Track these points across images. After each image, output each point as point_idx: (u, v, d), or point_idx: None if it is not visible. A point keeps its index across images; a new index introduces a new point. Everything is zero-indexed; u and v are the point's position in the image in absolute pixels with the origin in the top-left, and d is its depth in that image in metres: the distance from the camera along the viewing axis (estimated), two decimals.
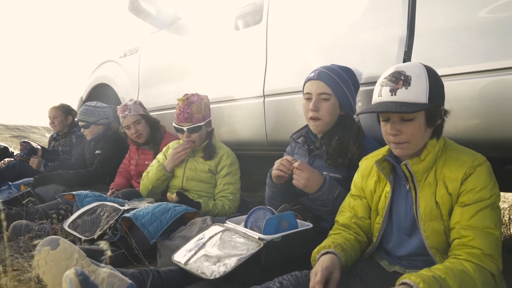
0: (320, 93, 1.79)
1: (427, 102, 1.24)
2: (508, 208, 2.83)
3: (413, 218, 1.32)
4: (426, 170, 1.30)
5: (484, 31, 1.51)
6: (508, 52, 1.44)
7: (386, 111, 1.25)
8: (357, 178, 1.54)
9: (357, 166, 1.61)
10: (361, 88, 1.89)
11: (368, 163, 1.50)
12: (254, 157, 2.96)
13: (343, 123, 1.82)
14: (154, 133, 2.91)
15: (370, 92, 1.85)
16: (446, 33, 1.62)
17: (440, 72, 1.43)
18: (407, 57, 1.74)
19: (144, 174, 2.56)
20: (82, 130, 3.40)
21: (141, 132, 2.88)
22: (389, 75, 1.28)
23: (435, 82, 1.27)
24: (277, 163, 1.78)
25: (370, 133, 1.84)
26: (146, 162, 2.81)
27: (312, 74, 1.82)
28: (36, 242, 1.31)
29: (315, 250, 1.37)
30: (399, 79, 1.25)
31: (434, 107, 1.27)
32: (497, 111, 1.47)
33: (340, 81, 1.79)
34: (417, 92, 1.23)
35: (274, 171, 1.78)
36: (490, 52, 1.49)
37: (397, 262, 1.39)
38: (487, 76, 1.48)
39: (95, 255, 1.45)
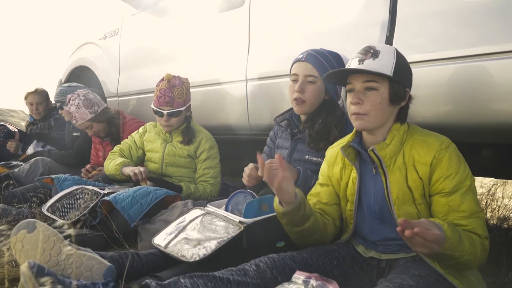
0: (307, 75, 1.79)
1: (391, 75, 1.26)
2: (486, 193, 2.90)
3: (383, 202, 1.33)
4: (393, 154, 1.31)
5: (465, 17, 1.52)
6: (488, 38, 1.45)
7: (349, 70, 1.29)
8: (323, 167, 1.54)
9: None
10: None
11: (333, 151, 1.51)
12: (236, 142, 2.95)
13: (327, 107, 1.82)
14: (110, 128, 2.86)
15: None
16: (428, 19, 1.63)
17: (420, 57, 1.45)
18: (388, 42, 1.75)
19: (110, 154, 2.50)
20: (59, 111, 3.33)
21: (97, 133, 2.87)
22: (361, 49, 1.32)
23: (402, 63, 1.30)
24: (244, 174, 1.78)
25: None
26: None
27: (301, 56, 1.81)
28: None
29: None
30: (369, 52, 1.29)
31: (398, 84, 1.29)
32: (475, 95, 1.50)
33: (328, 65, 1.78)
34: (383, 64, 1.26)
35: (244, 181, 1.78)
36: (471, 39, 1.50)
37: (373, 247, 1.40)
38: (468, 61, 1.49)
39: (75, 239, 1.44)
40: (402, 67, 1.30)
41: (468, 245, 1.14)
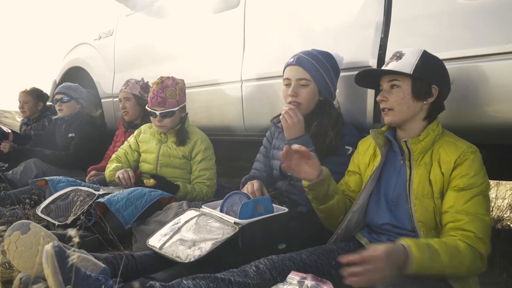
0: (299, 79, 1.79)
1: (411, 73, 1.35)
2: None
3: (403, 192, 1.39)
4: (424, 151, 1.37)
5: (459, 19, 1.53)
6: (482, 39, 1.46)
7: (369, 70, 1.47)
8: (355, 156, 1.62)
9: (332, 152, 1.69)
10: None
11: (366, 140, 1.60)
12: (231, 143, 2.95)
13: (322, 108, 1.83)
14: (145, 116, 2.83)
15: (347, 78, 1.89)
16: (422, 20, 1.64)
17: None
18: (383, 44, 1.76)
19: (113, 156, 2.50)
20: (57, 105, 3.27)
21: (128, 110, 2.87)
22: (391, 55, 1.45)
23: (428, 62, 1.38)
24: (247, 189, 1.81)
25: (350, 121, 1.86)
26: None
27: (291, 60, 1.81)
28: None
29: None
30: (395, 56, 1.42)
31: (420, 81, 1.36)
32: (469, 96, 1.51)
33: (319, 67, 1.79)
34: (404, 64, 1.37)
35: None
36: (465, 40, 1.51)
37: (378, 240, 1.44)
38: (462, 63, 1.51)
39: (69, 240, 1.43)
40: (427, 65, 1.37)
41: (448, 259, 1.13)
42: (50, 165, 3.06)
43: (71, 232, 1.04)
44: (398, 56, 1.40)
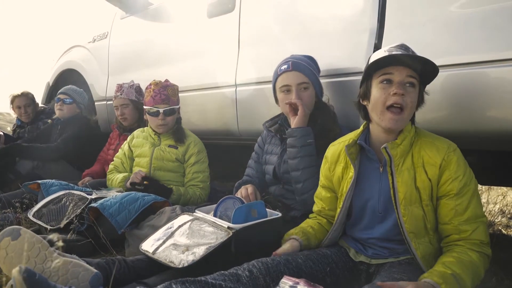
0: (300, 83, 1.79)
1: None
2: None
3: (389, 201, 1.33)
4: (403, 155, 1.32)
5: (452, 26, 1.54)
6: (475, 47, 1.47)
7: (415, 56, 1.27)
8: (324, 167, 1.55)
9: None
10: (332, 80, 1.91)
11: (335, 149, 1.50)
12: (225, 147, 2.95)
13: (321, 108, 1.84)
14: (142, 120, 2.82)
15: (341, 84, 1.89)
16: (416, 26, 1.65)
17: None
18: (377, 49, 1.76)
19: (110, 166, 2.50)
20: (59, 104, 3.27)
21: (126, 116, 2.87)
22: (397, 45, 1.31)
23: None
24: (241, 193, 1.82)
25: (345, 125, 1.86)
26: None
27: (285, 66, 1.81)
28: None
29: (285, 235, 1.50)
30: (409, 49, 1.30)
31: (424, 89, 1.35)
32: (462, 103, 1.52)
33: (312, 69, 1.82)
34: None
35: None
36: (458, 47, 1.52)
37: (363, 252, 1.41)
38: (455, 69, 1.51)
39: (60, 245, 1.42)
40: (436, 70, 1.32)
41: (471, 279, 1.14)
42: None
43: (53, 237, 1.02)
44: (412, 52, 1.30)
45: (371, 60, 1.32)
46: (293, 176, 1.75)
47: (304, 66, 1.80)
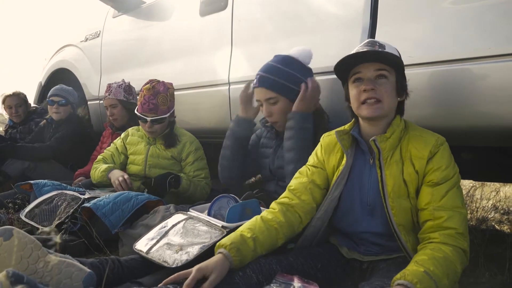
0: (267, 99, 1.80)
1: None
2: (465, 195, 2.96)
3: (377, 194, 1.33)
4: (392, 148, 1.32)
5: (444, 23, 1.55)
6: (466, 43, 1.48)
7: (374, 52, 1.30)
8: (318, 151, 1.51)
9: None
10: (325, 77, 1.90)
11: (331, 139, 1.49)
12: (219, 145, 2.94)
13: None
14: (133, 119, 2.80)
15: (333, 81, 1.89)
16: (408, 22, 1.66)
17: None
18: None
19: (99, 157, 2.48)
20: (55, 107, 3.23)
21: (116, 117, 2.84)
22: (365, 43, 1.36)
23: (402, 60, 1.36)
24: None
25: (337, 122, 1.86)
26: None
27: (255, 81, 1.82)
28: None
29: (218, 243, 1.26)
30: (375, 44, 1.33)
31: (402, 76, 1.35)
32: (454, 99, 1.52)
33: (281, 79, 1.78)
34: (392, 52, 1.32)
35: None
36: (450, 43, 1.52)
37: (356, 249, 1.41)
38: (447, 66, 1.52)
39: (52, 245, 1.41)
40: (403, 64, 1.36)
41: (446, 276, 1.11)
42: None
43: (55, 237, 1.02)
44: (380, 45, 1.33)
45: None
46: (286, 158, 1.75)
47: (269, 80, 1.78)
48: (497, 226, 2.60)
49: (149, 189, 2.15)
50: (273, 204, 1.44)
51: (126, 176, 2.22)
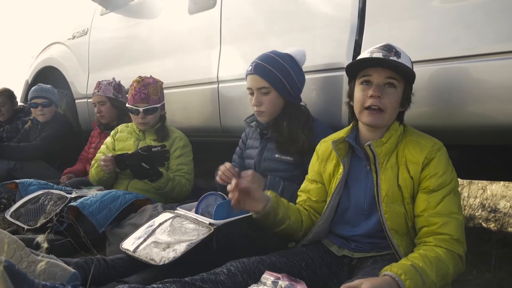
0: (259, 88, 1.79)
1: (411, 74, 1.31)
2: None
3: (373, 199, 1.33)
4: (388, 153, 1.32)
5: (433, 22, 1.55)
6: (457, 42, 1.48)
7: (387, 60, 1.27)
8: (314, 162, 1.53)
9: (309, 151, 1.63)
10: (313, 76, 1.90)
11: (327, 146, 1.49)
12: (208, 144, 2.93)
13: (288, 112, 1.81)
14: (122, 118, 2.78)
15: (322, 80, 1.90)
16: (397, 21, 1.66)
17: None
18: (357, 45, 1.77)
19: (93, 161, 2.47)
20: (39, 109, 3.15)
21: (103, 114, 2.81)
22: (380, 46, 1.32)
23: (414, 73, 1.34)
24: (220, 170, 1.75)
25: (324, 122, 1.86)
26: None
27: (250, 68, 1.80)
28: None
29: None
30: (391, 50, 1.30)
31: (410, 89, 1.34)
32: (444, 98, 1.53)
33: (278, 71, 1.77)
34: (406, 62, 1.30)
35: (217, 178, 1.76)
36: (440, 42, 1.53)
37: (346, 245, 1.41)
38: (438, 64, 1.52)
39: (37, 246, 1.39)
40: (413, 74, 1.33)
41: (435, 274, 1.11)
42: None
43: (40, 238, 1.00)
44: (395, 52, 1.29)
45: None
46: None
47: (266, 70, 1.76)
48: (484, 224, 2.63)
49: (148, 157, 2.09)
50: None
51: (108, 156, 2.18)
